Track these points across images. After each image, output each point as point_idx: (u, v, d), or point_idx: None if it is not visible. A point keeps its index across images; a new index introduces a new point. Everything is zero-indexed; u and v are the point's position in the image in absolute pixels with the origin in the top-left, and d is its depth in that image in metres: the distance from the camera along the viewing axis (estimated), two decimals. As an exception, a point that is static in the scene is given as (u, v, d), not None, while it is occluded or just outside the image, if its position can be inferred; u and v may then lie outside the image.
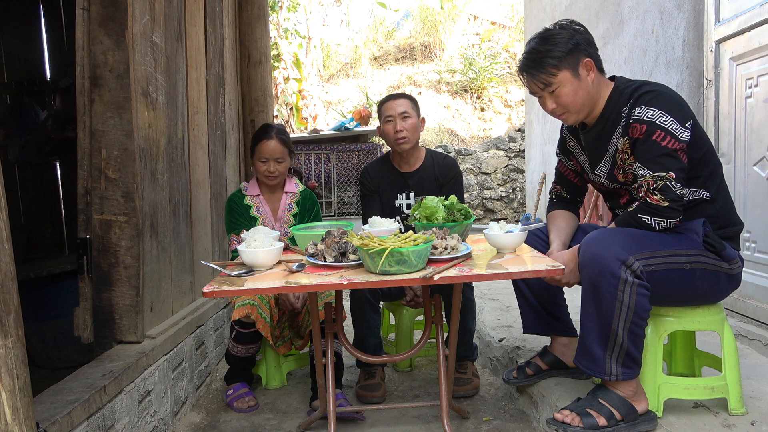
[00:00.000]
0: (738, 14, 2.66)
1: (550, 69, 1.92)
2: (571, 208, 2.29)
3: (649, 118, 1.82)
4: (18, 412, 1.21)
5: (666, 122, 1.81)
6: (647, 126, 1.82)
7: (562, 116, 2.01)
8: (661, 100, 1.85)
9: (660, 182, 1.79)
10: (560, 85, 1.93)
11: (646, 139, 1.83)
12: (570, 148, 2.23)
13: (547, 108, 2.01)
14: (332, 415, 2.08)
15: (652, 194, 1.81)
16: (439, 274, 1.70)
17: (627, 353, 1.80)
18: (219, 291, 1.71)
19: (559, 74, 1.92)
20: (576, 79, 1.93)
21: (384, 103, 2.76)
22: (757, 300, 2.60)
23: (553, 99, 1.97)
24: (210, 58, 3.22)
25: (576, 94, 1.94)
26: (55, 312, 3.50)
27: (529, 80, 1.99)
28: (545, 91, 1.97)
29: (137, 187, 2.20)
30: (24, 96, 4.22)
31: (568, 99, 1.95)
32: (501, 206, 8.75)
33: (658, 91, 1.88)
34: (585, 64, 1.94)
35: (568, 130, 2.23)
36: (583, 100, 1.96)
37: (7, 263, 1.21)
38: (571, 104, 1.96)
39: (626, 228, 1.89)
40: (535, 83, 1.97)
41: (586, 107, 1.98)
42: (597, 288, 1.79)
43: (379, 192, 2.83)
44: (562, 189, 2.32)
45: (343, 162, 7.04)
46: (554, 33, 1.95)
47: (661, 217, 1.82)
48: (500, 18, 13.27)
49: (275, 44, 9.67)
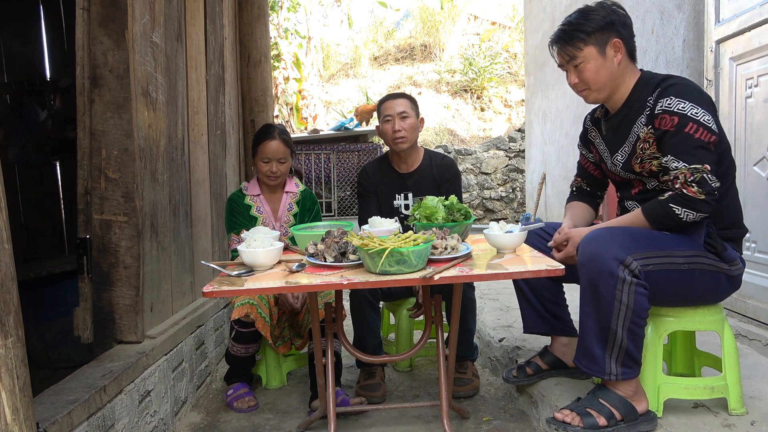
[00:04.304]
0: (738, 14, 2.66)
1: (578, 42, 1.94)
2: (589, 200, 2.30)
3: (681, 110, 1.81)
4: (18, 412, 1.21)
5: (698, 114, 1.80)
6: (679, 118, 1.81)
7: (582, 92, 2.03)
8: (691, 92, 1.84)
9: (697, 174, 1.78)
10: (585, 60, 1.95)
11: (678, 131, 1.82)
12: (591, 138, 2.23)
13: (570, 82, 2.03)
14: (332, 415, 2.08)
15: (689, 186, 1.79)
16: (439, 274, 1.70)
17: (627, 353, 1.80)
18: (219, 291, 1.71)
19: (586, 49, 1.94)
20: (601, 56, 1.94)
21: (383, 103, 2.76)
22: (757, 300, 2.60)
23: (576, 73, 1.99)
24: (210, 58, 3.22)
25: (599, 71, 1.95)
26: (55, 312, 3.50)
27: (558, 51, 2.01)
28: (570, 64, 1.99)
29: (137, 187, 2.20)
30: (24, 96, 4.22)
31: (590, 75, 1.96)
32: (501, 206, 8.75)
33: (687, 83, 1.89)
34: (614, 44, 1.94)
35: (590, 121, 2.24)
36: (606, 79, 1.96)
37: (7, 263, 1.21)
38: (592, 81, 1.97)
39: (625, 227, 1.88)
40: (562, 55, 2.00)
41: (607, 87, 1.99)
42: (596, 287, 1.79)
43: (377, 192, 2.83)
44: (583, 181, 2.32)
45: (343, 162, 7.03)
46: (591, 9, 1.97)
47: (693, 209, 1.80)
48: (500, 18, 13.27)
49: (275, 44, 9.67)
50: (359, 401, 2.44)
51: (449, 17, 12.73)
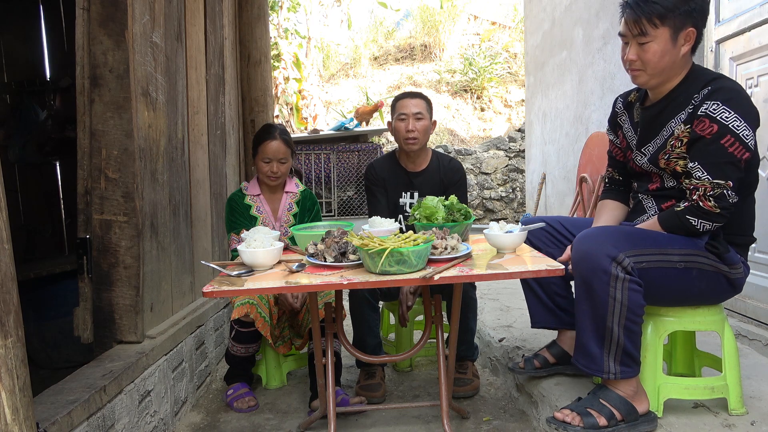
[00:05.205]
0: (738, 14, 2.66)
1: (655, 18, 1.79)
2: (622, 196, 2.20)
3: (723, 119, 1.73)
4: (18, 412, 1.21)
5: (739, 128, 1.73)
6: (719, 127, 1.74)
7: (635, 72, 1.90)
8: (740, 102, 1.75)
9: (717, 190, 1.75)
10: (654, 39, 1.81)
11: (713, 141, 1.75)
12: (620, 122, 2.13)
13: (626, 56, 1.89)
14: (332, 415, 2.08)
15: (706, 200, 1.76)
16: (439, 274, 1.70)
17: (624, 350, 1.80)
18: (219, 291, 1.71)
19: (660, 28, 1.80)
20: (671, 42, 1.81)
21: (400, 99, 2.75)
22: (757, 300, 2.60)
23: (638, 50, 1.84)
24: (210, 58, 3.22)
25: (663, 57, 1.82)
26: (55, 312, 3.50)
27: (628, 18, 1.84)
28: (636, 38, 1.84)
29: (137, 187, 2.20)
30: (24, 96, 4.22)
31: (653, 58, 1.83)
32: (501, 206, 8.75)
33: (738, 90, 1.79)
34: (687, 33, 1.82)
35: (623, 104, 2.14)
36: (665, 66, 1.85)
37: (7, 263, 1.21)
38: (652, 65, 1.84)
39: (620, 227, 1.88)
40: (632, 25, 1.83)
41: (663, 75, 1.87)
42: (590, 285, 1.79)
43: (384, 188, 2.83)
44: (614, 171, 2.22)
45: (343, 162, 7.03)
46: None
47: (708, 221, 1.79)
48: (500, 18, 13.26)
49: (275, 44, 9.67)
50: (359, 401, 2.45)
51: (449, 17, 12.72)
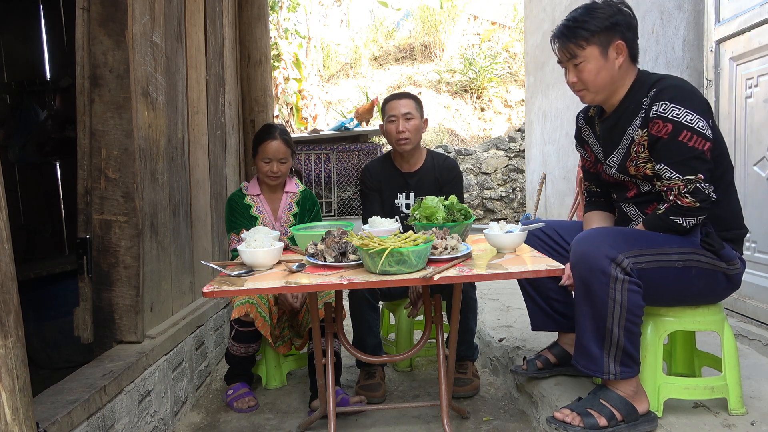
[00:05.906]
0: (738, 14, 2.66)
1: (580, 41, 1.89)
2: (604, 205, 2.22)
3: (675, 117, 1.78)
4: (18, 412, 1.21)
5: (692, 121, 1.77)
6: (673, 125, 1.78)
7: (579, 92, 1.99)
8: (685, 96, 1.81)
9: (690, 185, 1.77)
10: (585, 60, 1.90)
11: (672, 139, 1.79)
12: (585, 137, 2.20)
13: (568, 80, 1.99)
14: (332, 415, 2.08)
15: (683, 197, 1.79)
16: (439, 274, 1.70)
17: (624, 351, 1.80)
18: (219, 291, 1.71)
19: (588, 48, 1.89)
20: (603, 58, 1.90)
21: (388, 102, 2.75)
22: (757, 300, 2.60)
23: (575, 72, 1.94)
24: (210, 58, 3.22)
25: (598, 73, 1.91)
26: (55, 312, 3.50)
27: (559, 47, 1.96)
28: (570, 62, 1.94)
29: (137, 187, 2.20)
30: (24, 96, 4.22)
31: (589, 77, 1.92)
32: (501, 206, 8.74)
33: (681, 85, 1.85)
34: (617, 46, 1.90)
35: (583, 120, 2.20)
36: (605, 81, 1.93)
37: (7, 263, 1.21)
38: (590, 82, 1.93)
39: (617, 228, 1.89)
40: (563, 52, 1.95)
41: (605, 90, 1.95)
42: (589, 286, 1.79)
43: (379, 190, 2.83)
44: (591, 184, 2.26)
45: (343, 162, 7.03)
46: (597, 7, 1.92)
47: (692, 216, 1.81)
48: (500, 18, 13.26)
49: (275, 44, 9.67)
50: (359, 401, 2.44)
51: (449, 17, 12.71)
